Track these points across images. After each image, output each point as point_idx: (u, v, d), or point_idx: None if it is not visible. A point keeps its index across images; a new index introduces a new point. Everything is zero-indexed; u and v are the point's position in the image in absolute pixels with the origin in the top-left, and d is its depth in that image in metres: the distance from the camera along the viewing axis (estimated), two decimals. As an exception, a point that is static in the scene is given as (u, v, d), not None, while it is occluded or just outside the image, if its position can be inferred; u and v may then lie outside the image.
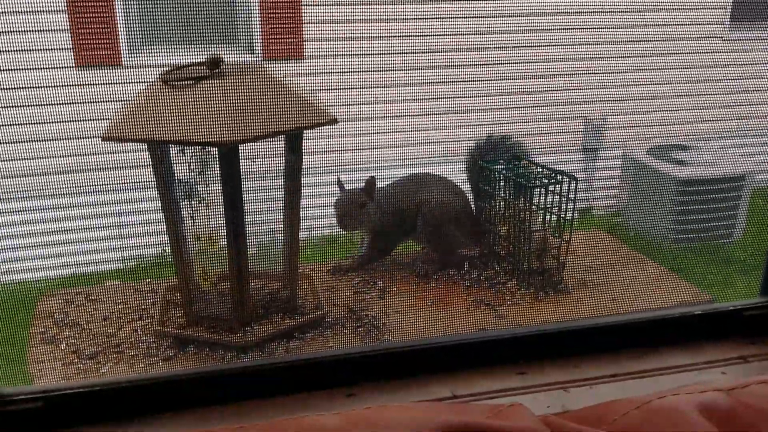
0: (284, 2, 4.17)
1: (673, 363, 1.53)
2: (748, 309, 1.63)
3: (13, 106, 3.61)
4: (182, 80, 1.80)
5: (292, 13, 4.17)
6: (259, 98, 1.78)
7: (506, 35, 4.59)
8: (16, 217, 3.67)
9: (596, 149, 5.01)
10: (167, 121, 1.74)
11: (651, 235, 4.59)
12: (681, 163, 4.74)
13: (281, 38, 4.18)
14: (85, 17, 3.77)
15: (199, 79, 1.79)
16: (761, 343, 1.59)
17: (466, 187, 2.58)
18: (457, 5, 4.49)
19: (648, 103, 5.00)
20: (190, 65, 1.88)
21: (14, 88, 3.49)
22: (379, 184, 2.53)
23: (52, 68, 3.69)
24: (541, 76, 4.68)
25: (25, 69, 3.49)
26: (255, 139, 1.80)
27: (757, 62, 5.18)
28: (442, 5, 4.45)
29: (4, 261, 3.32)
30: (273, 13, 4.12)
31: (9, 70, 3.37)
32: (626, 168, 4.89)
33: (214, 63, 1.81)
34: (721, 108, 5.19)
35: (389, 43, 4.31)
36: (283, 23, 4.17)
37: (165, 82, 1.80)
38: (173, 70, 1.86)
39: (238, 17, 3.93)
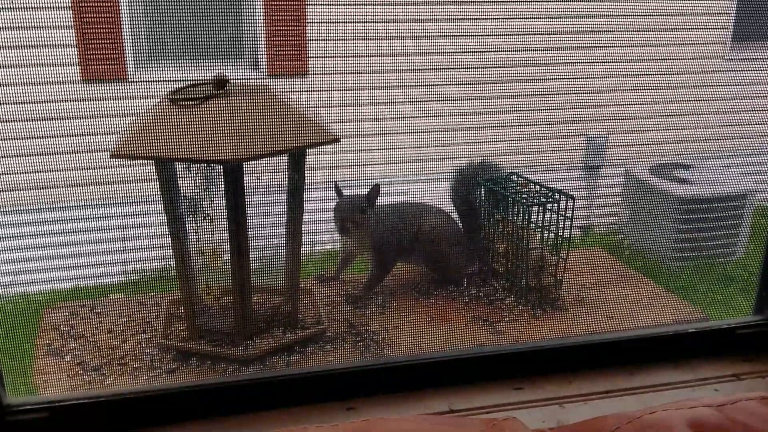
0: (289, 19, 4.21)
1: (666, 380, 1.55)
2: (741, 327, 1.65)
3: (18, 120, 3.65)
4: (189, 100, 1.83)
5: (296, 30, 4.21)
6: (263, 118, 1.82)
7: (508, 53, 4.64)
8: (22, 230, 3.70)
9: (598, 167, 5.04)
10: (175, 139, 1.78)
11: (651, 254, 4.60)
12: (683, 181, 4.75)
13: (286, 55, 4.23)
14: (91, 32, 3.82)
15: (205, 99, 1.83)
16: (754, 360, 1.61)
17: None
18: (462, 24, 4.54)
19: (650, 122, 5.04)
20: (197, 85, 1.92)
21: (22, 102, 3.54)
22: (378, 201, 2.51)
23: (57, 83, 3.73)
24: (544, 94, 4.72)
25: (32, 84, 3.53)
26: (259, 157, 1.83)
27: (759, 81, 5.21)
28: (446, 24, 4.50)
29: (10, 273, 3.35)
30: (277, 29, 4.16)
31: (16, 84, 3.42)
32: (627, 186, 4.90)
33: (220, 83, 1.85)
34: (723, 126, 5.22)
35: (393, 60, 4.35)
36: (287, 40, 4.22)
37: (172, 101, 1.84)
38: (180, 90, 1.89)
39: (242, 34, 3.98)
